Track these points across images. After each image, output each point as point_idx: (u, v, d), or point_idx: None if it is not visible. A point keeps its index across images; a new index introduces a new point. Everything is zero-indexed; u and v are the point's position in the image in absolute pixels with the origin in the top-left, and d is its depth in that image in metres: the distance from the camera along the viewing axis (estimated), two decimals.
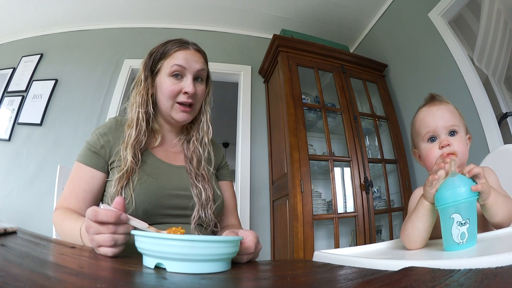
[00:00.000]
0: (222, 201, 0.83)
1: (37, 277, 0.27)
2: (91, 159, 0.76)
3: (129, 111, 0.81)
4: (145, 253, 0.42)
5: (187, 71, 0.79)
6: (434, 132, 0.66)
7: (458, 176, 0.51)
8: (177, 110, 0.80)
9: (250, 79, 2.53)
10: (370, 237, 1.78)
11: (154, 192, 0.73)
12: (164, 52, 0.80)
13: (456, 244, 0.48)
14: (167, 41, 0.83)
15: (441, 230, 0.51)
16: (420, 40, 2.05)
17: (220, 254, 0.42)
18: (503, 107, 1.77)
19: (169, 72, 0.78)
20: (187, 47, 0.81)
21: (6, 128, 2.20)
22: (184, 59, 0.79)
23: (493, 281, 0.27)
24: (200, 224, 0.77)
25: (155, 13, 2.45)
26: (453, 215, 0.48)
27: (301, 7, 2.43)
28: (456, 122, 0.66)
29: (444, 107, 0.67)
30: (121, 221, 0.48)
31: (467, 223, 0.48)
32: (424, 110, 0.69)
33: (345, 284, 0.34)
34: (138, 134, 0.76)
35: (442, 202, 0.51)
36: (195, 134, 0.86)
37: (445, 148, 0.63)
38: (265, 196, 2.20)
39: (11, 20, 2.41)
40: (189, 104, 0.80)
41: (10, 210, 1.97)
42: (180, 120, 0.81)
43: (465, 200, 0.49)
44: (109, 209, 0.48)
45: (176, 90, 0.78)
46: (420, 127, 0.69)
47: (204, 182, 0.79)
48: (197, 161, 0.83)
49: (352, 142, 1.96)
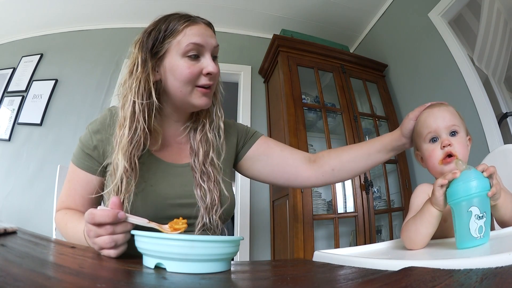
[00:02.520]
0: (231, 204, 0.73)
1: (37, 277, 0.27)
2: (84, 162, 0.69)
3: (121, 106, 0.66)
4: (145, 253, 0.42)
5: (205, 49, 0.67)
6: (435, 133, 0.65)
7: (473, 170, 0.50)
8: (198, 95, 0.68)
9: (250, 79, 2.53)
10: (370, 237, 1.79)
11: (153, 203, 0.65)
12: (170, 29, 0.67)
13: (474, 238, 0.47)
14: (166, 16, 0.71)
15: (455, 227, 0.49)
16: (420, 40, 2.05)
17: (220, 254, 0.42)
18: (503, 107, 1.77)
19: (183, 52, 0.65)
20: (197, 21, 0.69)
21: (6, 128, 2.20)
22: (200, 35, 0.66)
23: (493, 281, 0.27)
24: (205, 230, 0.68)
25: (155, 13, 2.41)
26: (471, 208, 0.47)
27: (301, 7, 2.43)
28: (456, 122, 0.66)
29: (444, 108, 0.68)
30: (119, 220, 0.46)
31: (484, 216, 0.47)
32: (425, 112, 0.70)
33: (345, 284, 0.34)
34: (136, 134, 0.63)
35: (455, 196, 0.49)
36: (206, 121, 0.74)
37: (446, 147, 0.63)
38: (265, 196, 2.20)
39: (11, 20, 2.40)
40: (209, 86, 0.69)
41: (10, 210, 1.97)
42: (203, 105, 0.69)
43: (479, 194, 0.47)
44: (105, 210, 0.47)
45: (196, 72, 0.66)
46: (421, 128, 0.69)
47: (210, 182, 0.69)
48: (204, 154, 0.71)
49: (352, 142, 1.96)
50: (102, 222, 0.46)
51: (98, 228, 0.46)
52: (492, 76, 1.88)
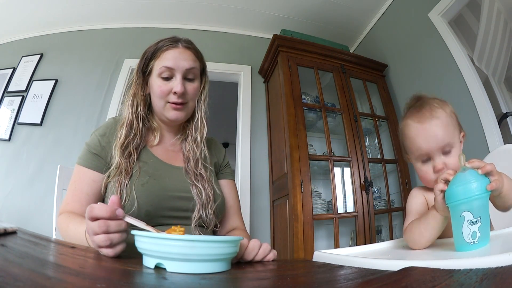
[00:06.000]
0: (222, 201, 0.83)
1: (37, 277, 0.27)
2: (92, 161, 0.75)
3: (124, 111, 0.82)
4: (145, 253, 0.42)
5: (176, 71, 0.78)
6: (427, 155, 0.62)
7: (469, 171, 0.48)
8: (169, 109, 0.79)
9: (250, 79, 2.53)
10: (370, 237, 1.79)
11: (156, 194, 0.72)
12: (154, 52, 0.80)
13: (467, 244, 0.45)
14: (159, 40, 0.82)
15: (452, 229, 0.48)
16: (420, 40, 2.05)
17: (220, 254, 0.42)
18: (503, 107, 1.77)
19: (158, 73, 0.78)
20: (176, 45, 0.80)
21: (6, 128, 2.20)
22: (172, 59, 0.78)
23: (493, 281, 0.27)
24: (200, 224, 0.76)
25: (155, 13, 2.45)
26: (463, 213, 0.46)
27: (301, 7, 2.43)
28: (449, 137, 0.61)
29: (435, 124, 0.61)
30: (116, 217, 0.47)
31: (479, 221, 0.45)
32: (414, 127, 0.63)
33: (345, 284, 0.34)
34: (128, 134, 0.76)
35: (453, 199, 0.47)
36: (191, 132, 0.86)
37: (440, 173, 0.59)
38: (265, 196, 2.20)
39: (11, 20, 2.41)
40: (181, 103, 0.79)
41: (10, 210, 1.97)
42: (173, 119, 0.80)
43: (477, 197, 0.46)
44: (104, 204, 0.48)
45: (166, 91, 0.78)
46: (411, 146, 0.64)
47: (204, 182, 0.79)
48: (194, 159, 0.82)
49: (352, 142, 1.96)
50: (98, 215, 0.46)
51: (94, 223, 0.46)
52: (492, 76, 1.88)
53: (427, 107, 0.64)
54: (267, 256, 0.57)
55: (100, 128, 0.80)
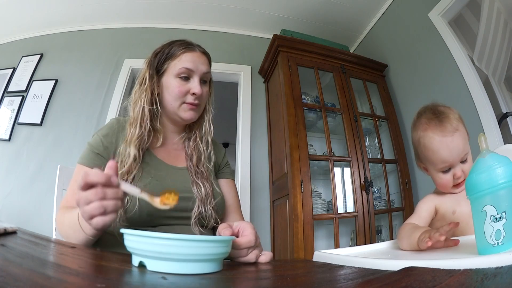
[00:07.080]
0: (222, 198, 0.84)
1: (37, 277, 0.27)
2: (94, 161, 0.75)
3: (131, 109, 0.81)
4: (130, 251, 0.41)
5: (194, 73, 0.80)
6: (450, 165, 0.66)
7: (490, 155, 0.40)
8: (185, 109, 0.81)
9: (250, 79, 2.53)
10: (370, 237, 1.79)
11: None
12: (170, 53, 0.81)
13: (490, 246, 0.37)
14: (171, 41, 0.84)
15: (474, 228, 0.40)
16: (420, 40, 2.05)
17: (207, 255, 0.40)
18: (503, 107, 1.77)
19: (176, 74, 0.79)
20: (193, 49, 0.82)
21: (6, 128, 2.20)
22: (192, 62, 0.80)
23: (493, 281, 0.27)
24: (201, 221, 0.77)
25: (155, 13, 2.45)
26: (485, 207, 0.37)
27: (301, 7, 2.43)
28: (467, 147, 0.66)
29: (457, 136, 0.65)
30: (112, 184, 0.47)
31: (503, 217, 0.36)
32: (437, 140, 0.65)
33: (345, 284, 0.34)
34: (142, 132, 0.77)
35: (475, 189, 0.39)
36: (198, 132, 0.88)
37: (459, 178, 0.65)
38: (265, 196, 2.20)
39: (11, 20, 2.41)
40: (196, 104, 0.82)
41: (10, 210, 1.97)
42: (188, 118, 0.82)
43: (504, 185, 0.36)
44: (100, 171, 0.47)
45: (184, 91, 0.79)
46: (434, 159, 0.67)
47: (204, 179, 0.81)
48: (197, 158, 0.84)
49: (352, 142, 1.96)
50: (94, 181, 0.46)
51: (88, 192, 0.46)
52: (492, 76, 1.88)
53: (446, 119, 0.67)
54: (260, 257, 0.56)
55: (103, 129, 0.81)
